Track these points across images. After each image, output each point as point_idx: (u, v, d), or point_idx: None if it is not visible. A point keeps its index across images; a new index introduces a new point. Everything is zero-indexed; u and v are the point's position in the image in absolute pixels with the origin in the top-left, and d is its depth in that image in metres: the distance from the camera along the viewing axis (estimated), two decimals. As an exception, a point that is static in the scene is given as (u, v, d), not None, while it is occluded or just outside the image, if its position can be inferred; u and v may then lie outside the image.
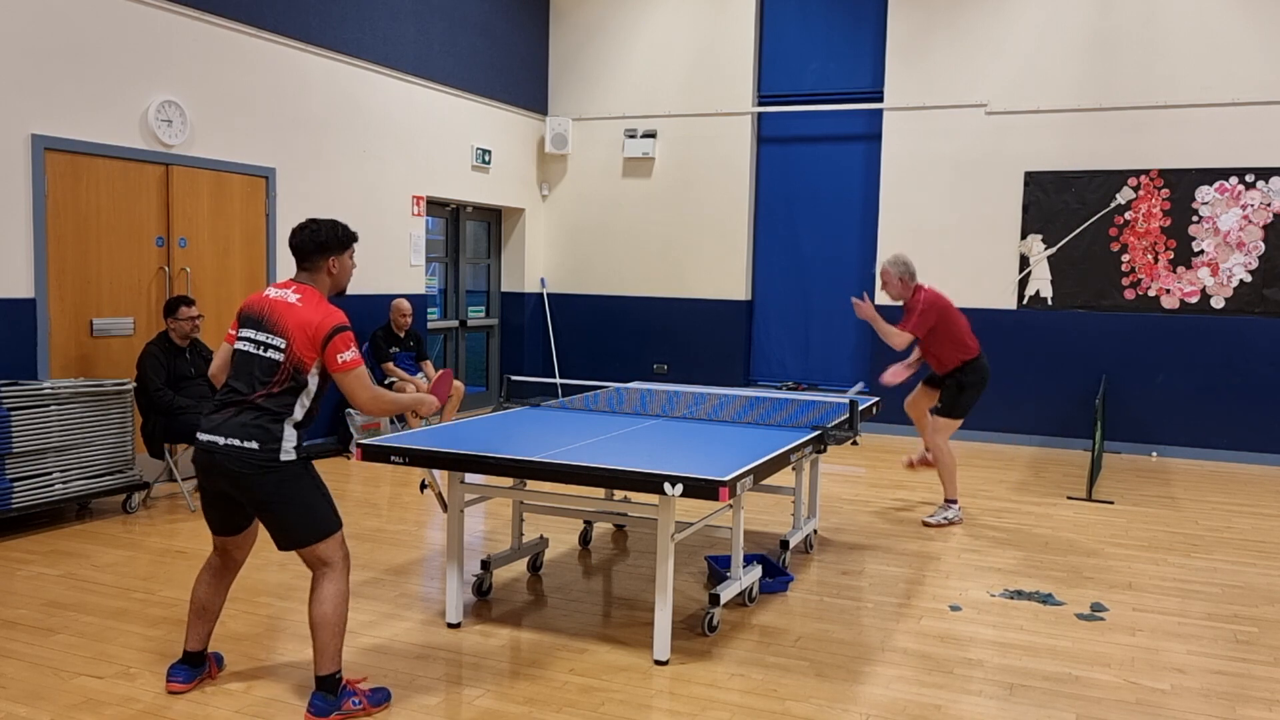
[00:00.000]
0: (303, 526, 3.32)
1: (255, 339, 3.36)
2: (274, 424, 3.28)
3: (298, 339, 3.30)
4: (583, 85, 10.64)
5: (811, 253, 10.12)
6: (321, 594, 3.33)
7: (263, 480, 3.26)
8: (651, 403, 5.52)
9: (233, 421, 3.27)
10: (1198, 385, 8.65)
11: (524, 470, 3.78)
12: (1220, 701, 3.64)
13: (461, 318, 10.19)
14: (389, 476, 7.18)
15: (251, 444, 3.25)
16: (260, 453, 3.25)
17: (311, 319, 3.32)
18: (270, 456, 3.26)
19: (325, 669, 3.32)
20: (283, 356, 3.30)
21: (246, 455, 3.24)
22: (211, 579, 3.54)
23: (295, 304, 3.37)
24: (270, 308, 3.38)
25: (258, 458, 3.25)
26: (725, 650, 4.01)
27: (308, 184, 7.76)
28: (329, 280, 3.53)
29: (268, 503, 3.29)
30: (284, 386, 3.30)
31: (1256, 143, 8.38)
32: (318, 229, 3.46)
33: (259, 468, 3.25)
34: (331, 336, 3.31)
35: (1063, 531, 6.03)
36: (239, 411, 3.28)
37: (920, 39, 9.35)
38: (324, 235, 3.46)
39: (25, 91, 5.81)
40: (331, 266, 3.51)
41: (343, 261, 3.54)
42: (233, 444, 3.25)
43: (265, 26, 7.29)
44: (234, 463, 3.25)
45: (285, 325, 3.32)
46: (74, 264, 6.12)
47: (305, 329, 3.30)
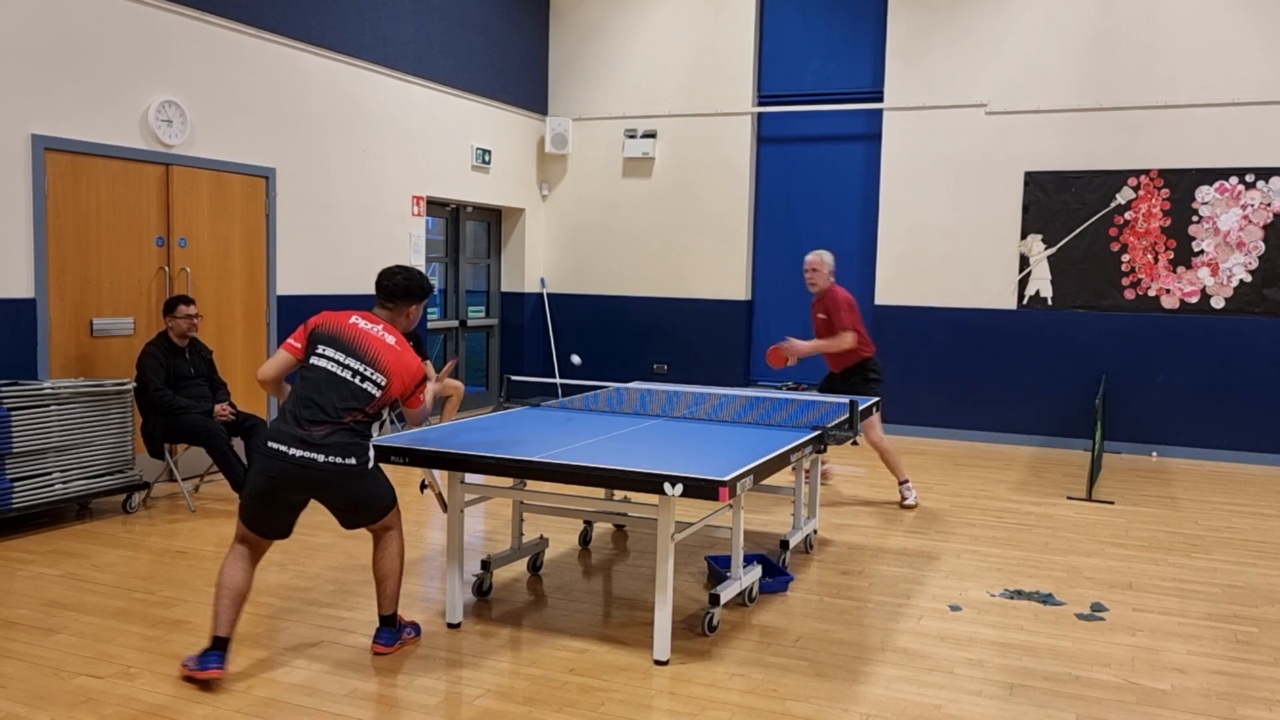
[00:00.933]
0: (380, 509, 3.83)
1: (346, 364, 3.67)
2: (365, 439, 3.70)
3: (397, 382, 3.71)
4: (583, 85, 10.64)
5: (811, 253, 10.10)
6: (389, 551, 3.87)
7: (356, 485, 3.68)
8: (651, 403, 5.52)
9: (332, 441, 3.59)
10: (1198, 385, 8.65)
11: (524, 470, 3.78)
12: (1220, 701, 3.64)
13: (461, 318, 10.19)
14: (389, 476, 7.17)
15: (351, 460, 3.63)
16: (357, 466, 3.65)
17: (409, 367, 3.75)
18: (364, 468, 3.68)
19: (389, 609, 3.89)
20: (380, 393, 3.68)
21: (346, 469, 3.62)
22: (245, 565, 3.69)
23: (394, 346, 3.74)
24: (365, 340, 3.72)
25: (354, 470, 3.64)
26: (725, 650, 4.01)
27: (308, 184, 7.76)
28: (405, 322, 3.90)
29: (359, 502, 3.75)
30: (373, 414, 3.70)
31: (1256, 143, 8.38)
32: (412, 276, 3.87)
33: (356, 477, 3.66)
34: (423, 382, 3.83)
35: (1063, 531, 6.03)
36: (333, 432, 3.60)
37: (920, 39, 9.35)
38: (416, 284, 3.87)
39: (25, 91, 5.81)
40: (412, 312, 3.90)
41: (419, 309, 3.95)
42: (334, 461, 3.59)
43: (265, 26, 7.29)
44: (335, 477, 3.61)
45: (386, 365, 3.69)
46: (74, 264, 6.12)
47: (404, 375, 3.73)
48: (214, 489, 6.64)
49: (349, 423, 3.63)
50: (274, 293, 7.49)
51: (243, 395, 7.17)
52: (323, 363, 3.67)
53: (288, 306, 7.62)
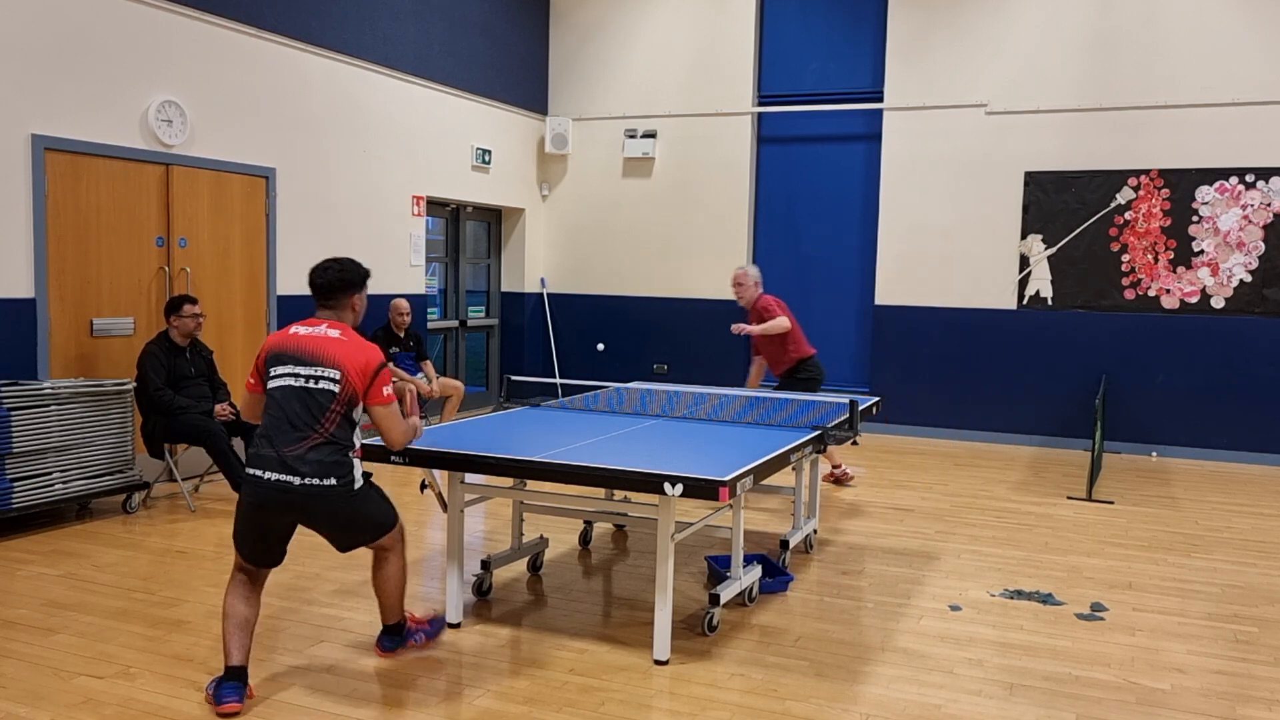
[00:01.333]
0: (371, 532, 3.62)
1: (299, 373, 3.47)
2: (344, 457, 3.45)
3: (351, 371, 3.46)
4: (583, 85, 10.64)
5: (811, 253, 10.12)
6: (386, 571, 3.72)
7: (343, 511, 3.48)
8: (651, 403, 5.52)
9: (309, 459, 3.39)
10: (1198, 385, 8.65)
11: (524, 470, 3.78)
12: (1220, 701, 3.64)
13: (461, 318, 10.19)
14: (389, 476, 7.18)
15: (330, 480, 3.41)
16: (339, 487, 3.43)
17: (361, 352, 3.51)
18: (347, 489, 3.46)
19: (390, 619, 3.82)
20: (338, 388, 3.45)
21: (326, 491, 3.40)
22: (247, 593, 3.53)
23: (339, 339, 3.52)
24: (311, 343, 3.50)
25: (336, 492, 3.42)
26: (725, 650, 4.01)
27: (308, 184, 7.76)
28: (352, 316, 3.68)
29: (348, 526, 3.55)
30: (340, 417, 3.45)
31: (1256, 143, 8.38)
32: (343, 267, 3.63)
33: (339, 499, 3.44)
34: (380, 369, 3.52)
35: (1063, 531, 6.03)
36: (310, 448, 3.40)
37: (920, 39, 9.35)
38: (350, 273, 3.64)
39: (25, 91, 5.81)
40: (355, 303, 3.68)
41: (362, 298, 3.73)
42: (311, 483, 3.39)
43: (265, 26, 7.29)
44: (314, 500, 3.40)
45: (336, 358, 3.46)
46: (74, 264, 6.12)
47: (356, 361, 3.47)
48: (214, 489, 6.64)
49: (322, 434, 3.42)
50: (274, 293, 7.49)
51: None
52: (277, 382, 3.48)
53: (288, 306, 7.62)
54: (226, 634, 3.46)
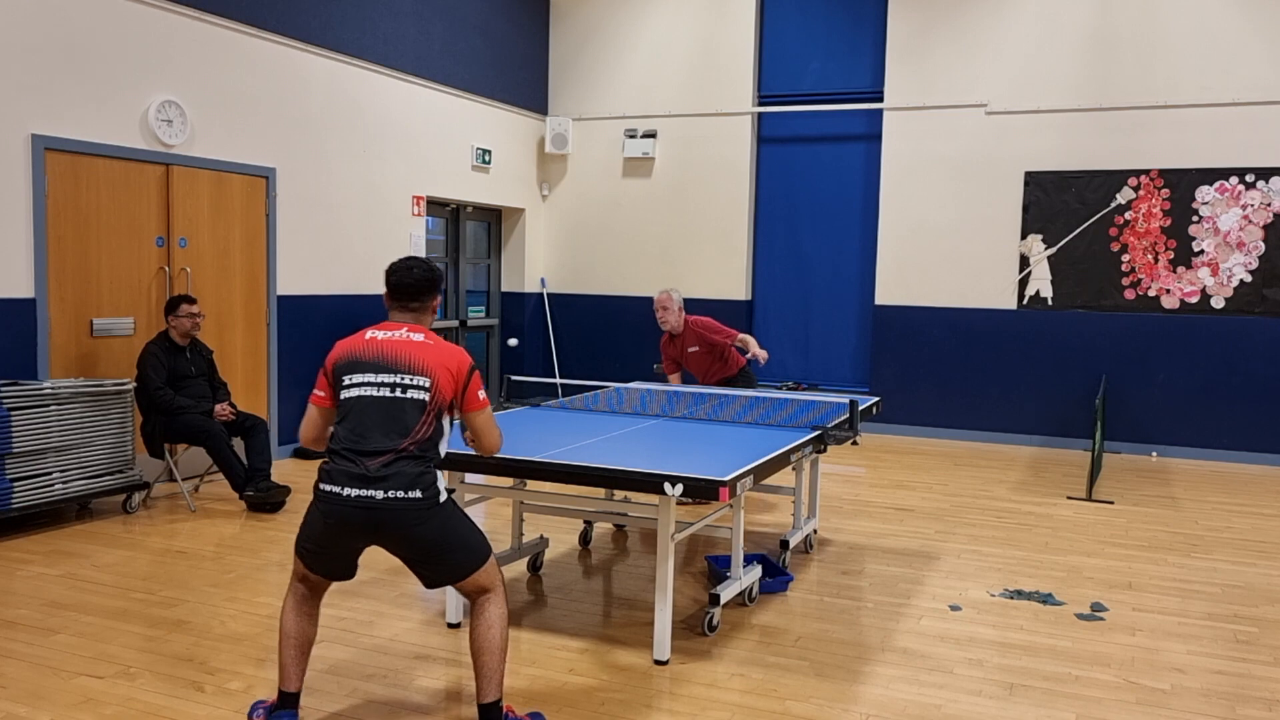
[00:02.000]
0: (464, 560, 3.19)
1: (385, 382, 3.14)
2: (429, 469, 3.14)
3: (442, 377, 3.16)
4: (583, 85, 10.64)
5: (811, 253, 10.12)
6: (488, 619, 3.19)
7: (427, 527, 3.11)
8: (651, 403, 5.52)
9: (393, 472, 3.07)
10: (1198, 385, 8.65)
11: (524, 470, 3.78)
12: (1220, 701, 3.64)
13: (461, 318, 10.19)
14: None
15: (415, 493, 3.07)
16: (424, 500, 3.09)
17: (451, 356, 3.21)
18: (433, 500, 3.11)
19: (490, 696, 3.17)
20: (428, 396, 3.14)
21: (411, 505, 3.07)
22: (308, 609, 3.28)
23: (425, 343, 3.22)
24: (394, 349, 3.19)
25: (420, 506, 3.08)
26: (725, 650, 4.01)
27: (308, 184, 7.76)
28: (431, 319, 3.40)
29: (432, 548, 3.15)
30: (431, 428, 3.15)
31: (1256, 143, 8.38)
32: (429, 267, 3.35)
33: (423, 515, 3.09)
34: (473, 373, 3.23)
35: (1063, 531, 6.03)
36: (394, 460, 3.08)
37: (920, 39, 9.35)
38: (435, 273, 3.36)
39: (25, 91, 5.81)
40: (436, 305, 3.41)
41: (439, 301, 3.45)
42: (396, 496, 3.06)
43: (265, 26, 7.29)
44: (398, 515, 3.07)
45: (425, 364, 3.16)
46: (74, 264, 6.12)
47: (448, 367, 3.18)
48: (214, 489, 6.64)
49: (409, 448, 3.09)
50: (274, 293, 7.49)
51: (243, 395, 7.17)
52: (356, 392, 3.15)
53: (288, 306, 7.62)
54: (282, 654, 3.21)
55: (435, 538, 3.12)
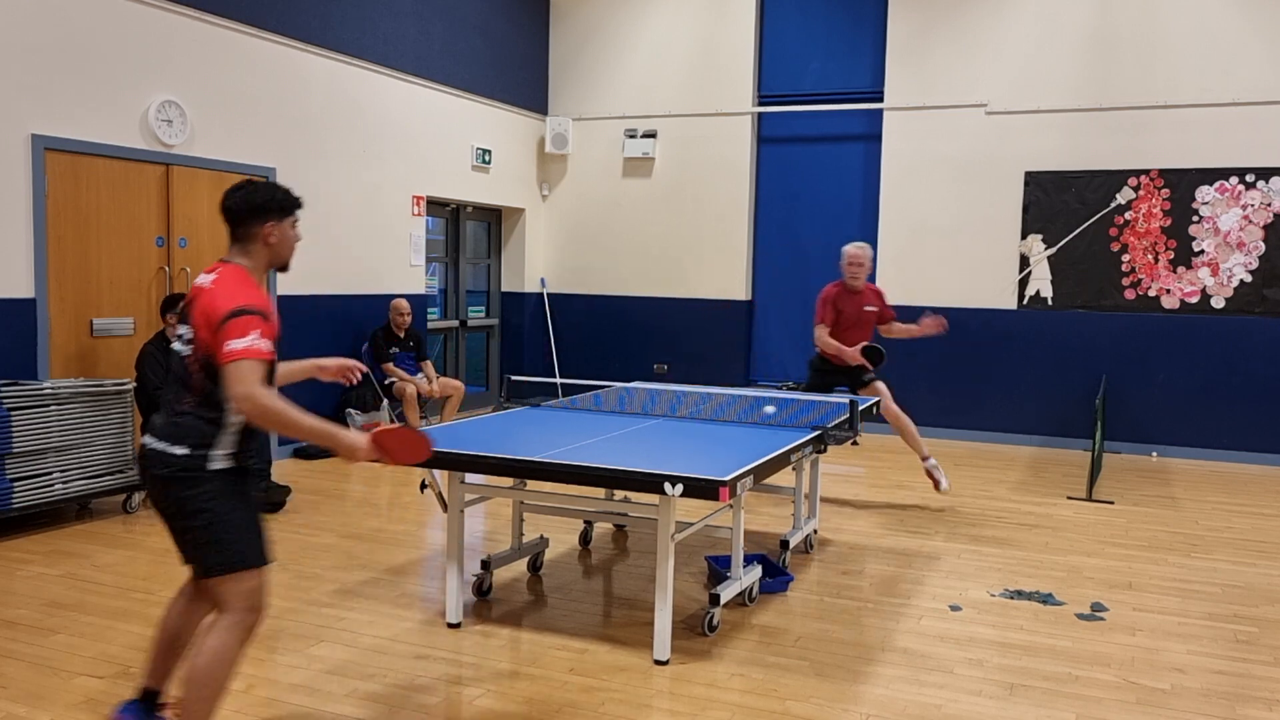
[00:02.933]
0: (213, 551, 2.80)
1: (179, 333, 2.91)
2: (207, 428, 2.81)
3: (200, 326, 2.79)
4: (583, 85, 10.64)
5: (812, 253, 10.11)
6: (204, 644, 2.79)
7: (177, 489, 2.78)
8: (651, 403, 5.52)
9: (164, 422, 2.85)
10: (1198, 385, 8.65)
11: (524, 470, 3.78)
12: (1220, 701, 3.64)
13: (461, 318, 10.19)
14: (389, 476, 7.18)
15: (178, 449, 2.79)
16: (183, 459, 2.78)
17: (217, 300, 2.77)
18: (196, 464, 2.78)
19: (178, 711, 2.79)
20: (190, 350, 2.83)
21: (169, 459, 2.78)
22: (186, 604, 3.05)
23: (207, 287, 2.83)
24: (190, 295, 2.91)
25: (179, 461, 2.78)
26: (725, 650, 4.01)
27: (308, 184, 7.75)
28: (266, 252, 2.96)
29: (183, 514, 2.80)
30: (202, 384, 2.80)
31: (1256, 143, 8.38)
32: (254, 189, 2.93)
33: (181, 473, 2.78)
34: (231, 319, 2.71)
35: (1063, 531, 6.03)
36: (178, 415, 2.83)
37: (920, 39, 9.35)
38: (261, 196, 2.92)
39: (25, 91, 5.81)
40: (269, 234, 2.93)
41: (283, 229, 2.96)
42: (157, 448, 2.80)
43: (265, 26, 7.29)
44: (156, 466, 2.80)
45: (191, 312, 2.84)
46: (74, 264, 6.12)
47: (207, 312, 2.77)
48: (214, 489, 6.63)
49: (188, 404, 2.82)
50: (274, 293, 7.49)
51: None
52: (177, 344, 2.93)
53: (288, 306, 7.62)
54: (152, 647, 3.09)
55: (184, 507, 2.79)
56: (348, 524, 5.87)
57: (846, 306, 6.70)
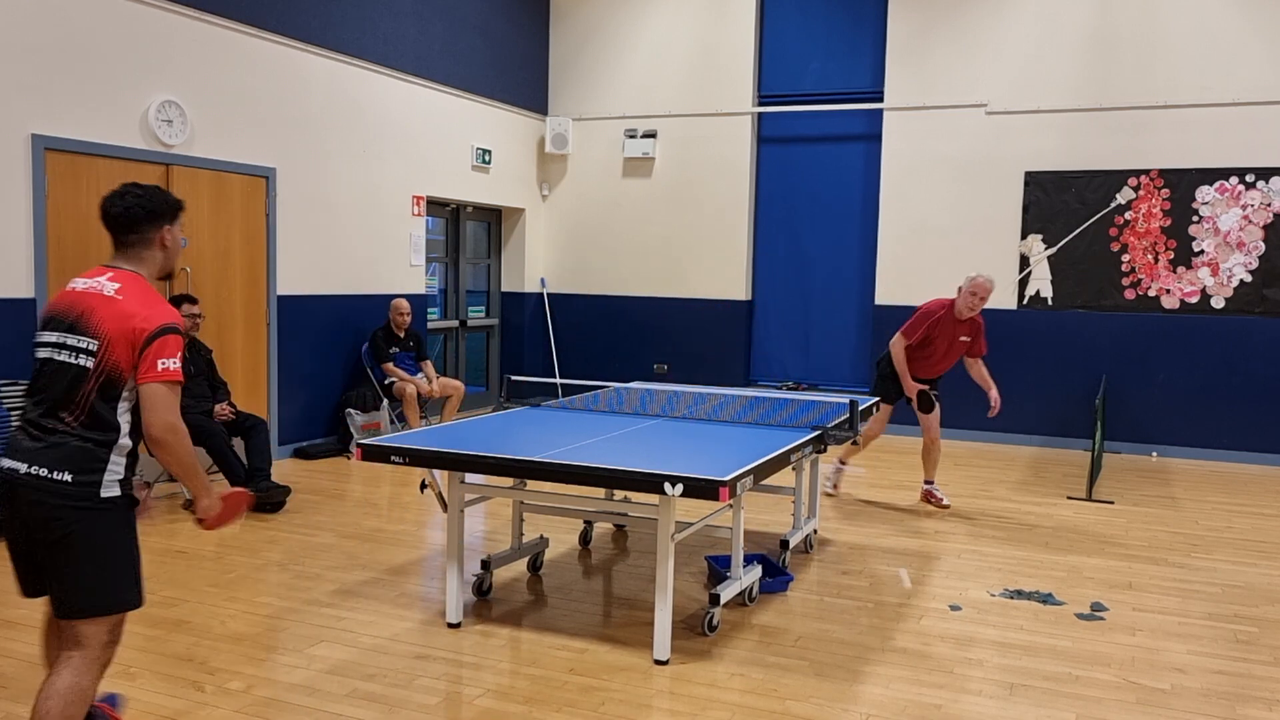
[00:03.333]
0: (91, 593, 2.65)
1: (63, 343, 2.69)
2: (97, 452, 2.65)
3: (116, 340, 2.65)
4: (583, 85, 10.64)
5: (811, 253, 10.12)
6: (58, 685, 2.63)
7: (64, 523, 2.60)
8: (651, 403, 5.52)
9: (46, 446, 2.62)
10: (1198, 385, 8.65)
11: (524, 470, 3.78)
12: (1220, 701, 3.64)
13: (461, 318, 10.19)
14: (389, 476, 7.18)
15: (65, 476, 2.60)
16: (73, 486, 2.60)
17: (138, 311, 2.67)
18: (88, 494, 2.62)
19: None
20: (94, 363, 2.64)
21: (54, 488, 2.59)
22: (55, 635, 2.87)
23: (115, 297, 2.69)
24: (82, 303, 2.71)
25: (67, 492, 2.60)
26: (725, 650, 4.01)
27: (308, 184, 7.76)
28: (160, 256, 2.87)
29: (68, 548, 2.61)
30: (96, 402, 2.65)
31: (1256, 143, 8.38)
32: (145, 193, 2.82)
33: (66, 506, 2.60)
34: (158, 335, 2.65)
35: (1063, 531, 6.03)
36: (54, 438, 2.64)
37: (920, 39, 9.35)
38: (155, 200, 2.82)
39: (25, 91, 5.81)
40: (165, 238, 2.86)
41: (175, 233, 2.90)
42: (39, 473, 2.60)
43: (265, 26, 7.29)
44: (39, 494, 2.59)
45: (101, 324, 2.67)
46: (74, 264, 6.12)
47: (129, 327, 2.65)
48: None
49: (71, 424, 2.63)
50: (274, 293, 7.49)
51: (242, 395, 7.17)
52: (42, 353, 2.71)
53: (288, 306, 7.62)
54: None
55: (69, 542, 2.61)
56: (348, 524, 5.88)
57: (943, 333, 6.46)
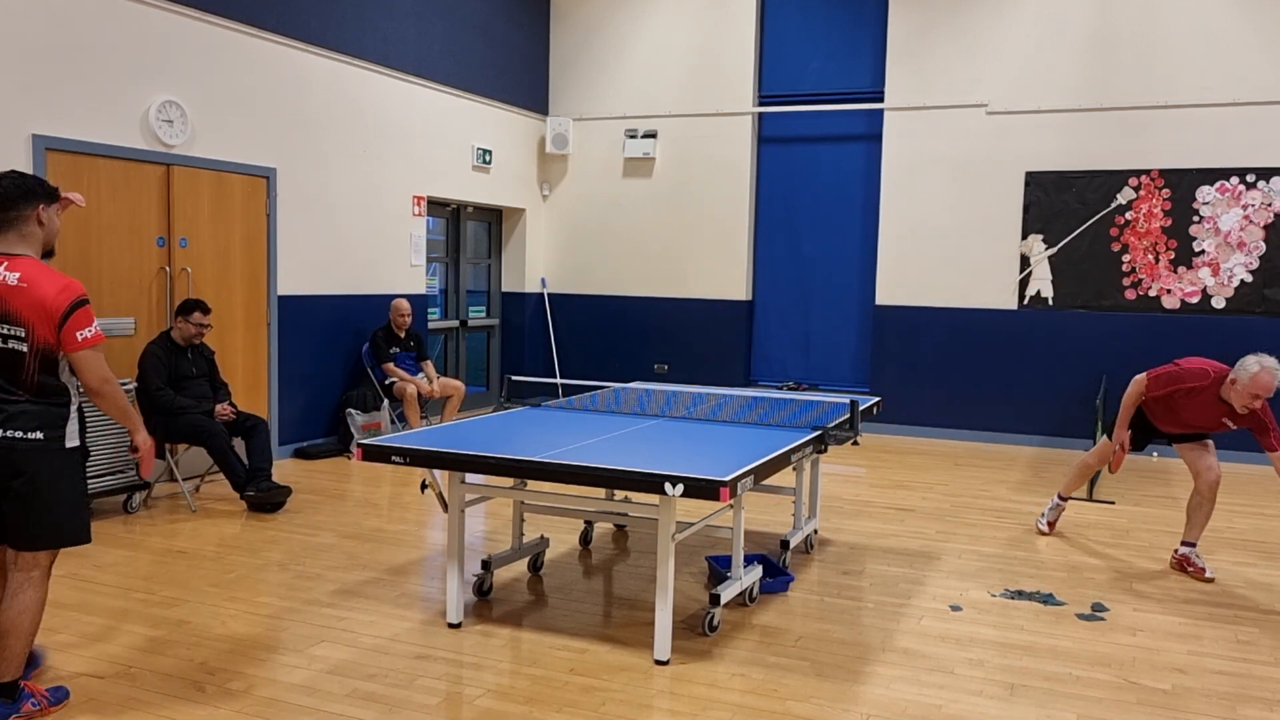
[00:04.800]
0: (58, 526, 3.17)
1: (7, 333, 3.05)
2: (59, 408, 3.13)
3: (37, 323, 3.04)
4: (583, 85, 10.65)
5: (812, 253, 10.12)
6: (25, 600, 3.15)
7: (40, 464, 3.09)
8: (652, 403, 5.52)
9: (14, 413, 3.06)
10: (1198, 385, 8.63)
11: (524, 470, 3.78)
12: (1221, 702, 3.64)
13: (462, 318, 10.19)
14: (389, 476, 7.18)
15: (36, 434, 3.09)
16: (45, 441, 3.10)
17: (46, 295, 3.03)
18: (56, 443, 3.12)
19: (8, 676, 3.16)
20: (28, 347, 3.05)
21: (29, 444, 3.08)
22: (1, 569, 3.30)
23: (20, 286, 3.04)
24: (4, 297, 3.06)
25: (39, 445, 3.09)
26: (726, 650, 4.01)
27: (308, 184, 7.76)
28: (40, 234, 3.18)
29: (37, 489, 3.09)
30: (40, 374, 3.07)
31: (1256, 143, 8.38)
32: (20, 177, 3.15)
33: (41, 453, 3.09)
34: (71, 312, 3.05)
35: (1063, 531, 6.03)
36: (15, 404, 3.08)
37: (920, 39, 9.35)
38: (30, 182, 3.15)
39: (26, 92, 5.81)
40: (41, 216, 3.17)
41: (51, 214, 3.21)
42: (15, 435, 3.06)
43: (265, 26, 7.29)
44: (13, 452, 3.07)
45: (20, 312, 3.03)
46: (74, 264, 6.12)
47: (44, 309, 3.03)
48: (214, 489, 6.64)
49: (29, 394, 3.08)
50: (274, 293, 7.49)
51: (243, 395, 7.17)
52: None
53: (288, 306, 7.62)
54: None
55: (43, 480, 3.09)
56: (348, 524, 5.88)
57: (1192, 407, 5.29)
